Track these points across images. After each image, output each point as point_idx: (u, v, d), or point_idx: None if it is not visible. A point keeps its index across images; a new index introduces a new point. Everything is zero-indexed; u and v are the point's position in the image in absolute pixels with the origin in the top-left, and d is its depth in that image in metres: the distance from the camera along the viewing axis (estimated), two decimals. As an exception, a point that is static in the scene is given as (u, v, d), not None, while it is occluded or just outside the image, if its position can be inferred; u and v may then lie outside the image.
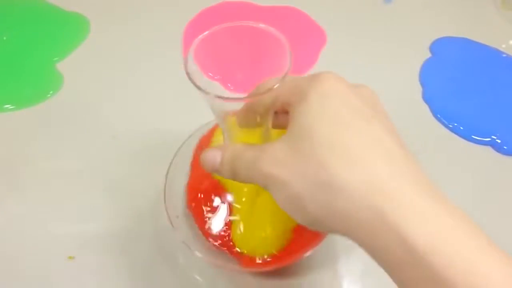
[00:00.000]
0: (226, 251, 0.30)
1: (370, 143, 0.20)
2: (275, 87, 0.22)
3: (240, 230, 0.30)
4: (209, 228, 0.30)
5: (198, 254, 0.30)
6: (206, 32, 0.24)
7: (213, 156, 0.24)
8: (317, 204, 0.20)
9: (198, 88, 0.23)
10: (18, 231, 0.35)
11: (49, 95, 0.44)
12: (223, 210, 0.30)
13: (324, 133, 0.20)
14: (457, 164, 0.41)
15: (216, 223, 0.30)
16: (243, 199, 0.30)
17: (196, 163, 0.33)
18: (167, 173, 0.32)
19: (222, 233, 0.30)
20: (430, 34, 0.50)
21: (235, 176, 0.24)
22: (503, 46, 0.50)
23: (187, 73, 0.23)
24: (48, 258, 0.34)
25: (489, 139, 0.42)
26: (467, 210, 0.40)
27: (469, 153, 0.41)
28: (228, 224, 0.30)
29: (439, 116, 0.43)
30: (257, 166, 0.22)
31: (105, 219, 0.36)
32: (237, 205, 0.30)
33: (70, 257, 0.34)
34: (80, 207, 0.36)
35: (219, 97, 0.22)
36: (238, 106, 0.25)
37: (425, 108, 0.44)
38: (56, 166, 0.39)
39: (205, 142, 0.33)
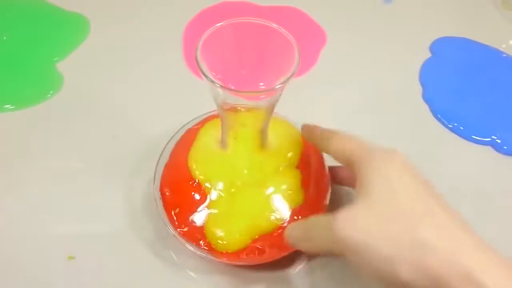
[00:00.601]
0: (191, 240, 0.31)
1: (450, 215, 0.23)
2: (277, 86, 0.23)
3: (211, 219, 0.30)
4: (178, 214, 0.31)
5: (190, 247, 0.31)
6: (218, 25, 0.25)
7: (290, 230, 0.27)
8: (409, 265, 0.22)
9: (205, 75, 0.23)
10: (18, 231, 0.35)
11: (49, 95, 0.43)
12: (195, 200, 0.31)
13: (407, 200, 0.23)
14: (457, 164, 0.41)
15: (188, 212, 0.31)
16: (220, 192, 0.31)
17: (175, 152, 0.34)
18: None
19: (191, 221, 0.31)
20: (430, 34, 0.50)
21: (310, 246, 0.26)
22: (503, 46, 0.50)
23: (197, 61, 0.23)
24: (48, 258, 0.34)
25: (489, 139, 0.42)
26: (467, 210, 0.40)
27: (469, 153, 0.41)
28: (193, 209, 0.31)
29: (439, 116, 0.43)
30: (335, 232, 0.23)
31: (105, 219, 0.36)
32: (211, 197, 0.31)
33: (70, 257, 0.34)
34: (80, 207, 0.36)
35: (223, 87, 0.23)
36: (240, 100, 0.25)
37: (425, 108, 0.44)
38: (56, 166, 0.39)
39: (188, 137, 0.34)
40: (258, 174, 0.31)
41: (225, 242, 0.30)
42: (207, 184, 0.31)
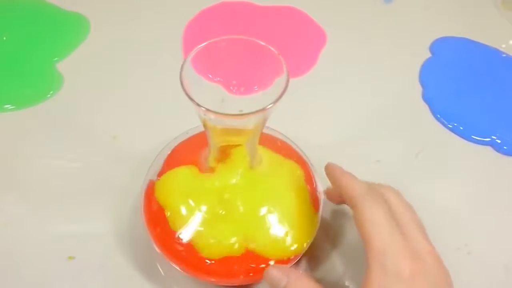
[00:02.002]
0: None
1: None
2: (268, 107, 0.22)
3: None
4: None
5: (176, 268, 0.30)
6: (204, 43, 0.25)
7: (278, 278, 0.26)
8: None
9: (191, 99, 0.23)
10: (17, 231, 0.35)
11: (49, 95, 0.43)
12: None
13: None
14: (457, 164, 0.41)
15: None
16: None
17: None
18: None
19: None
20: (430, 34, 0.50)
21: None
22: (503, 46, 0.50)
23: (182, 84, 0.23)
24: (48, 258, 0.34)
25: (489, 139, 0.42)
26: (467, 210, 0.40)
27: (469, 153, 0.41)
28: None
29: (439, 116, 0.43)
30: None
31: (105, 219, 0.36)
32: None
33: (70, 257, 0.34)
34: (80, 207, 0.36)
35: (210, 111, 0.22)
36: (229, 122, 0.24)
37: (425, 108, 0.44)
38: (56, 166, 0.39)
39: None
40: (247, 197, 0.29)
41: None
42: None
